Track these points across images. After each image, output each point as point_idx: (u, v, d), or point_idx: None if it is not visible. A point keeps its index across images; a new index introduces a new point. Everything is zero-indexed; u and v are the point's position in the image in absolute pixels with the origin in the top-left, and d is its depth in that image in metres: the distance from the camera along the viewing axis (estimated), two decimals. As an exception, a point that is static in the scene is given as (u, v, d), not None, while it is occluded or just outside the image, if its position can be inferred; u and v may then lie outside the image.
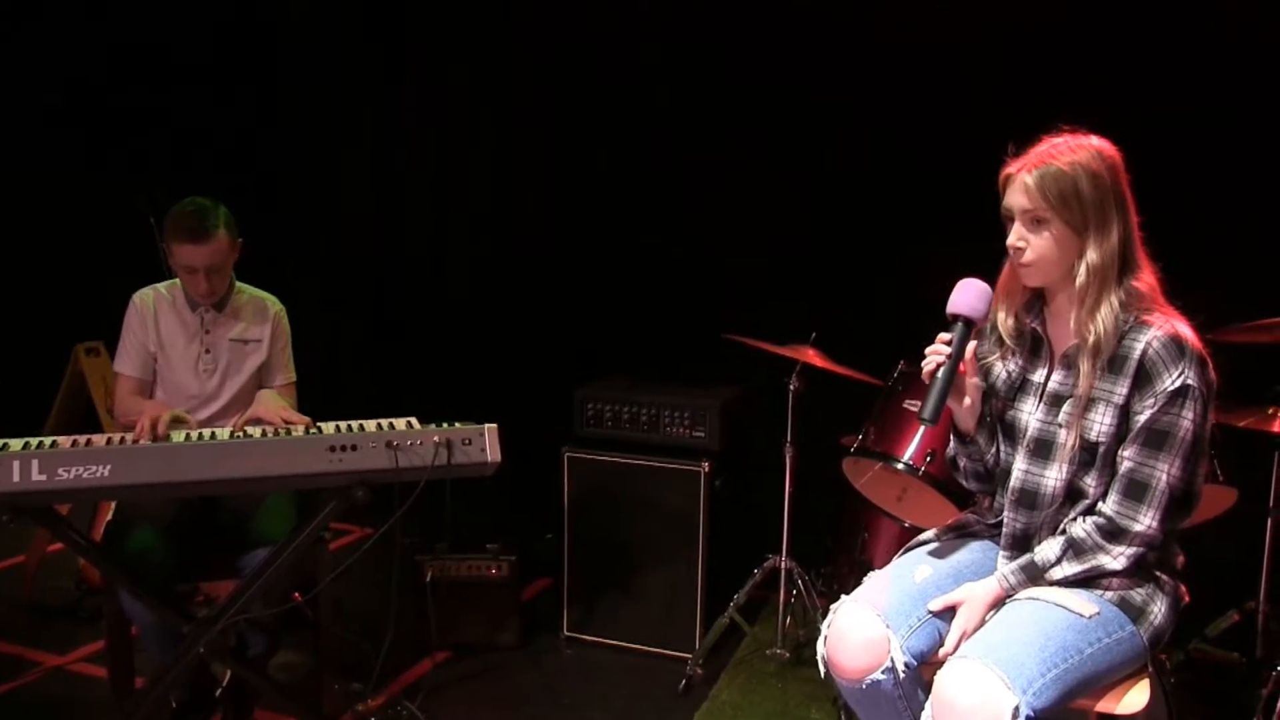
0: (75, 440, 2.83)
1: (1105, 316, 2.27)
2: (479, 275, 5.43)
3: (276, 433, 2.96)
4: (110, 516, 3.46)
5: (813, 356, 3.66)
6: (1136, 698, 2.32)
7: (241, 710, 3.39)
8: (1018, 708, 2.07)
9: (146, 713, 3.06)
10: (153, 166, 5.46)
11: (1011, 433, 2.48)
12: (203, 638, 2.99)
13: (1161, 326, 2.25)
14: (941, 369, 2.38)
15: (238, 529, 3.27)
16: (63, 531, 2.94)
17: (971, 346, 2.44)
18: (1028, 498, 2.42)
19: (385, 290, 5.68)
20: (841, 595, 3.42)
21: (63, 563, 4.49)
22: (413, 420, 3.03)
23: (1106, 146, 2.32)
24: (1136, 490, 2.27)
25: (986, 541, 2.59)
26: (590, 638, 4.06)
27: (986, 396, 2.53)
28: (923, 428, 3.40)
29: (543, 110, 5.19)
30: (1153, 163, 2.45)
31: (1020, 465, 2.43)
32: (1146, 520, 2.26)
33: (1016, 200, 2.34)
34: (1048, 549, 2.35)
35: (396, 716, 3.53)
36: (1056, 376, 2.41)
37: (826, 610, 3.66)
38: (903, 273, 4.32)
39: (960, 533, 2.62)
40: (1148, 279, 2.32)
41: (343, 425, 2.99)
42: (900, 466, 3.41)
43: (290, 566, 3.05)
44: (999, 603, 2.37)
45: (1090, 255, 2.28)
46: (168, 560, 3.13)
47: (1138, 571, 2.33)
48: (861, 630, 2.35)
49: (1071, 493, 2.37)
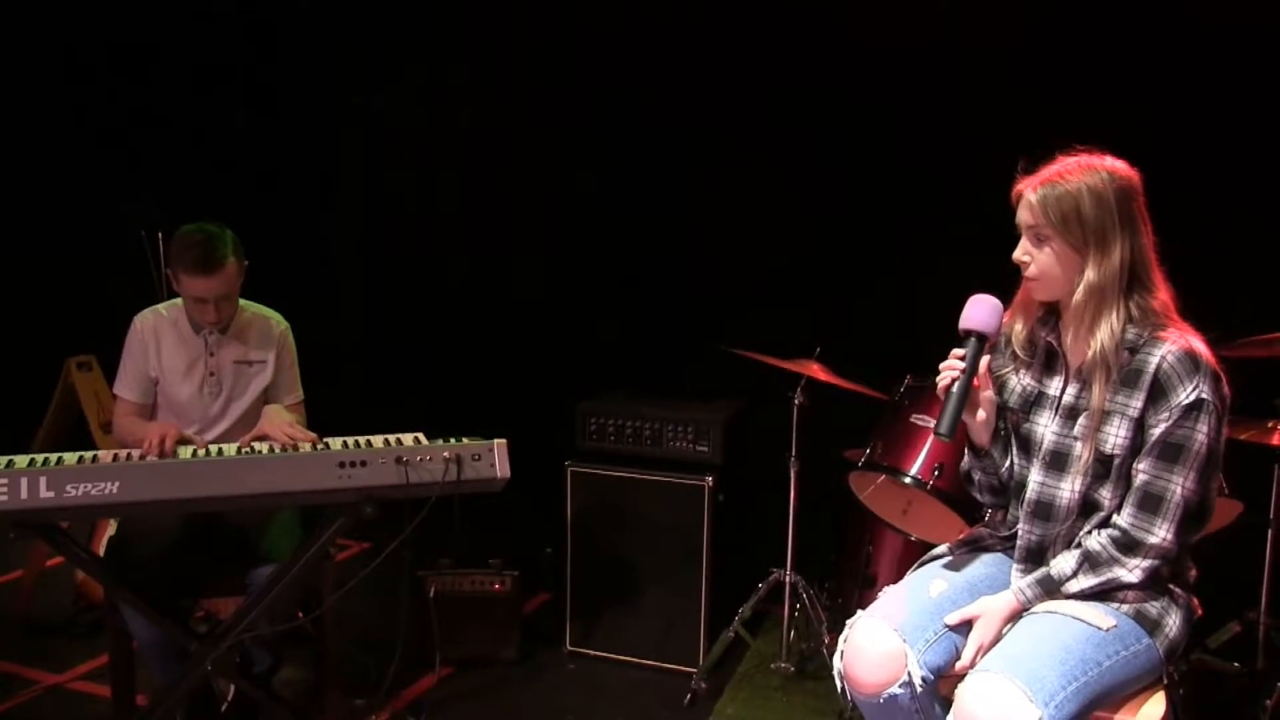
0: (81, 457, 2.81)
1: (1104, 335, 2.29)
2: (479, 287, 5.42)
3: (285, 449, 2.95)
4: (113, 532, 3.44)
5: (817, 370, 3.66)
6: (1152, 709, 2.32)
7: (245, 729, 3.37)
8: (1040, 720, 2.08)
9: (152, 730, 3.04)
10: (147, 174, 5.44)
11: (1027, 445, 2.49)
12: (210, 655, 2.97)
13: (1176, 341, 2.27)
14: (956, 384, 2.40)
15: (243, 545, 3.25)
16: (69, 549, 2.94)
17: (985, 361, 2.45)
18: (1043, 510, 2.42)
19: (383, 302, 5.66)
20: (849, 609, 3.44)
21: (59, 578, 4.46)
22: (420, 436, 3.02)
23: (1120, 168, 2.34)
24: (1152, 503, 2.28)
25: (1000, 555, 2.59)
26: (593, 652, 4.05)
27: (1001, 410, 2.54)
28: (930, 441, 3.42)
29: (544, 119, 5.19)
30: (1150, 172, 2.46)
31: (1036, 477, 2.44)
32: (1162, 533, 2.27)
33: (1023, 216, 2.38)
34: (1063, 562, 2.36)
35: (401, 732, 3.52)
36: (1071, 390, 2.42)
37: (831, 624, 3.72)
38: (907, 287, 4.35)
39: (973, 546, 2.62)
40: (1162, 297, 2.34)
41: (350, 441, 2.99)
42: (908, 480, 3.42)
43: (297, 583, 3.03)
44: (1015, 616, 2.37)
45: (1089, 274, 2.30)
46: (172, 577, 3.12)
47: (1153, 584, 2.34)
48: (878, 645, 2.35)
49: (1086, 505, 2.38)
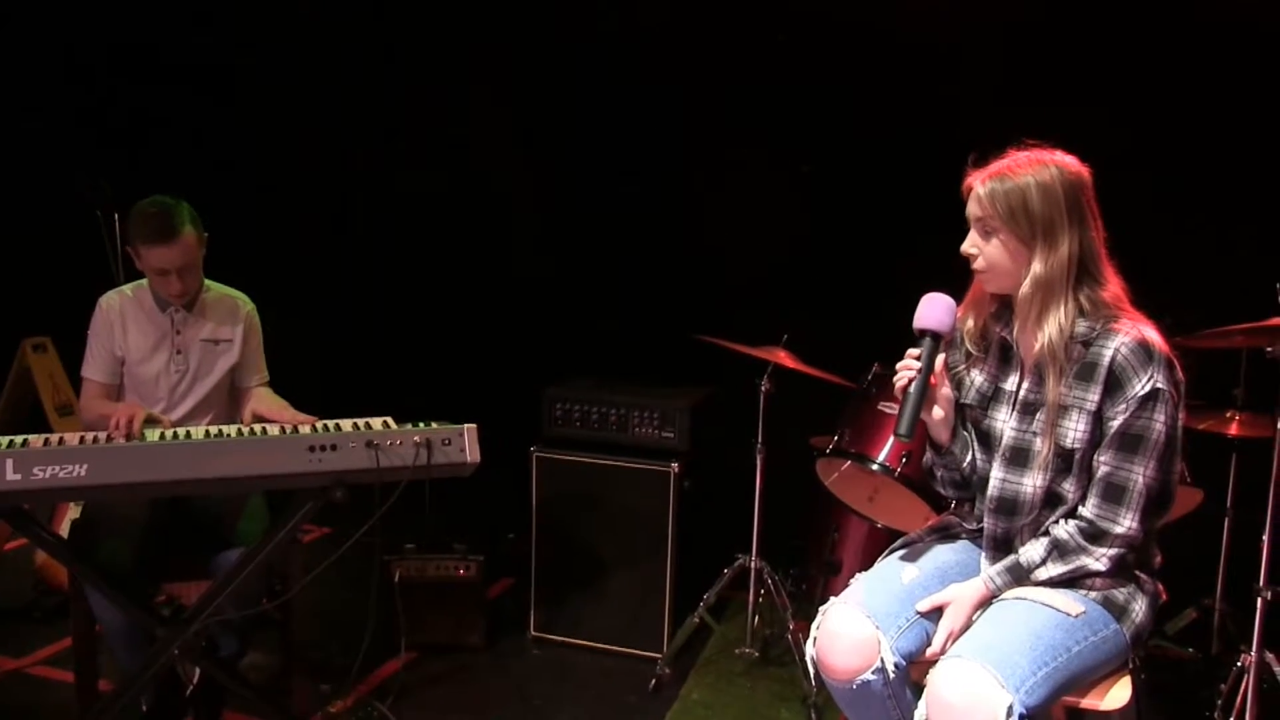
0: (48, 439, 2.78)
1: (1052, 327, 2.32)
2: (445, 272, 5.39)
3: (253, 432, 2.93)
4: (75, 515, 3.41)
5: (784, 358, 3.68)
6: (1120, 694, 2.36)
7: (212, 712, 3.34)
8: (1011, 705, 2.11)
9: (117, 716, 3.01)
10: (104, 157, 5.36)
11: (987, 441, 2.52)
12: (177, 640, 2.95)
13: (1129, 332, 2.29)
14: (913, 384, 2.42)
15: (209, 529, 3.23)
16: (35, 532, 2.90)
17: (941, 359, 2.48)
18: (1006, 505, 2.45)
19: (347, 286, 5.62)
20: (814, 595, 3.48)
21: (18, 562, 4.40)
22: (389, 420, 3.00)
23: (1070, 162, 2.36)
24: (1115, 493, 2.32)
25: (967, 542, 2.62)
26: (558, 638, 4.06)
27: (960, 407, 2.57)
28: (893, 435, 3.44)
29: (521, 108, 5.18)
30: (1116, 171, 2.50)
31: (997, 473, 2.47)
32: (1126, 522, 2.31)
33: (972, 209, 2.40)
34: (1032, 550, 2.39)
35: (368, 717, 3.50)
36: (1027, 385, 2.45)
37: (795, 610, 3.75)
38: (874, 274, 4.37)
39: (943, 534, 2.65)
40: (1113, 289, 2.36)
41: (318, 425, 2.97)
42: (876, 467, 3.45)
43: (265, 567, 3.02)
44: (985, 603, 2.41)
45: (1035, 267, 2.33)
46: (138, 560, 3.09)
47: (1119, 571, 2.38)
48: (851, 631, 2.38)
49: (1050, 498, 2.41)
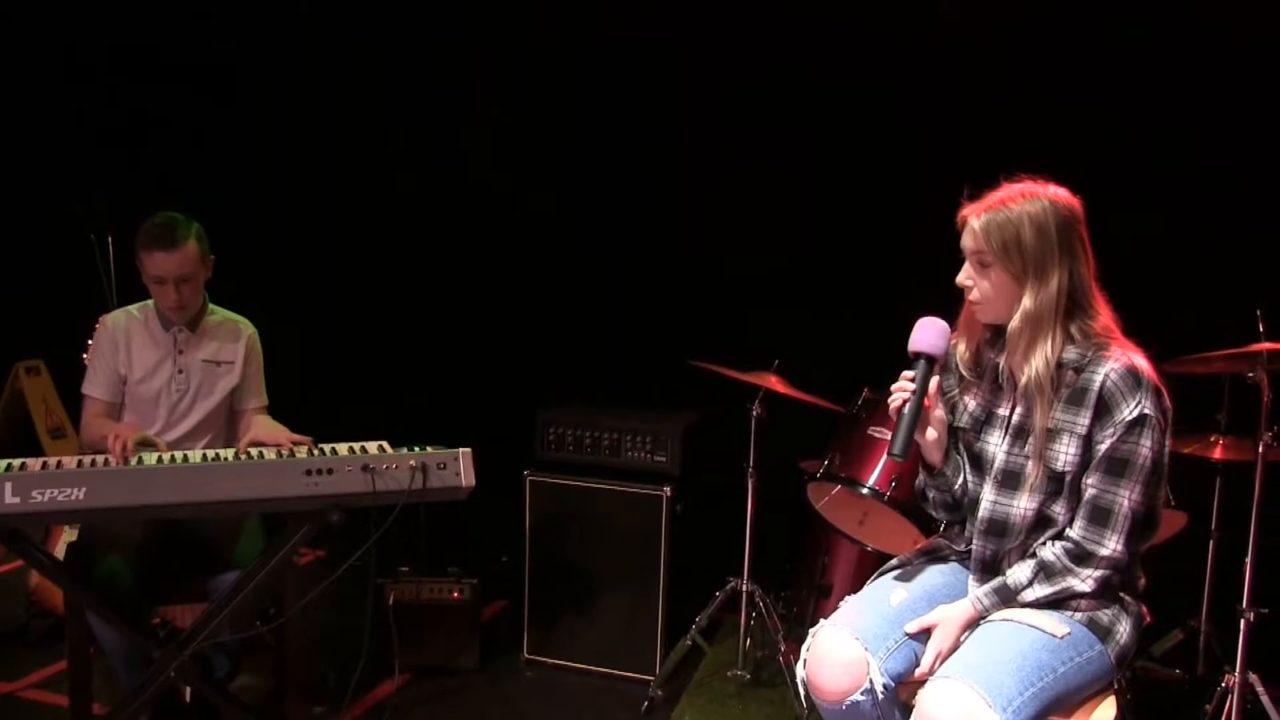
0: (46, 462, 2.82)
1: (1039, 361, 2.38)
2: (437, 295, 5.42)
3: (250, 455, 2.96)
4: (72, 537, 3.44)
5: (775, 383, 3.72)
6: (1104, 713, 2.41)
7: (206, 735, 3.37)
8: (999, 725, 2.15)
9: (114, 738, 3.03)
10: (104, 157, 5.40)
11: (979, 464, 2.57)
12: (174, 662, 2.97)
13: (1118, 359, 2.35)
14: (907, 405, 2.47)
15: (205, 551, 3.27)
16: (32, 554, 2.93)
17: (935, 382, 2.53)
18: (997, 526, 2.50)
19: (339, 309, 5.65)
20: (805, 618, 3.52)
21: (11, 584, 4.40)
22: (384, 444, 3.04)
23: (1062, 195, 2.42)
24: (1101, 516, 2.37)
25: (956, 564, 2.67)
26: (551, 660, 4.08)
27: (953, 430, 2.62)
28: (885, 454, 3.48)
29: (507, 129, 5.22)
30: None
31: (989, 496, 2.52)
32: (1112, 544, 2.35)
33: (966, 241, 2.46)
34: (1019, 572, 2.43)
35: (362, 740, 3.53)
36: (1020, 410, 2.49)
37: (787, 632, 3.78)
38: (866, 300, 4.43)
39: (931, 557, 2.70)
40: (1104, 320, 2.42)
41: (315, 449, 3.01)
42: (866, 491, 3.49)
43: (261, 590, 3.04)
44: (972, 624, 2.45)
45: (1025, 302, 2.39)
46: (135, 582, 3.12)
47: (1104, 593, 2.42)
48: (841, 653, 2.41)
49: (1040, 520, 2.46)
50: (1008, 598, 2.43)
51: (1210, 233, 4.14)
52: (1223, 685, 3.26)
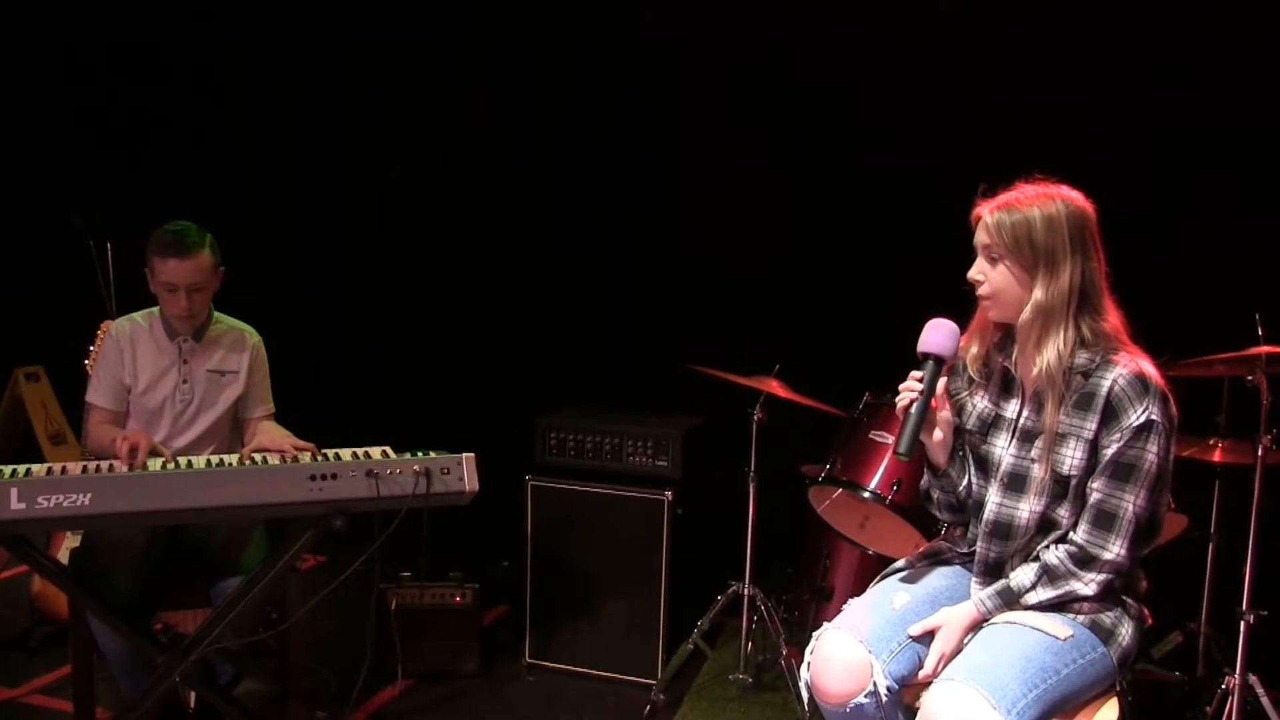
0: (51, 468, 2.81)
1: (1050, 354, 2.39)
2: (437, 302, 5.43)
3: (254, 461, 2.96)
4: (75, 544, 3.43)
5: (776, 387, 3.73)
6: (1107, 715, 2.41)
7: (210, 740, 3.37)
8: (1003, 727, 2.16)
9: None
10: (99, 185, 5.40)
11: (985, 466, 2.58)
12: (178, 668, 2.98)
13: (1127, 365, 2.36)
14: (914, 405, 2.48)
15: (208, 557, 3.27)
16: (36, 560, 2.93)
17: (942, 383, 2.54)
18: (1002, 529, 2.51)
19: (339, 314, 5.65)
20: (806, 621, 3.52)
21: (13, 591, 4.41)
22: (388, 449, 3.04)
23: (1076, 197, 2.44)
24: (1105, 520, 2.38)
25: (958, 567, 2.68)
26: (552, 665, 4.08)
27: (959, 432, 2.63)
28: (888, 457, 3.51)
29: (505, 132, 5.22)
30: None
31: (995, 498, 2.53)
32: (1115, 549, 2.37)
33: (979, 237, 2.48)
34: (1022, 575, 2.44)
35: (365, 745, 3.53)
36: (1027, 413, 2.51)
37: (788, 636, 3.79)
38: (866, 305, 4.45)
39: (934, 560, 2.71)
40: (1113, 321, 2.44)
41: (319, 454, 3.02)
42: (867, 495, 3.50)
43: (264, 596, 3.05)
44: (975, 626, 2.46)
45: (1037, 293, 2.40)
46: (138, 588, 3.11)
47: (1107, 595, 2.43)
48: (844, 656, 2.42)
49: (1044, 524, 2.47)
50: (1010, 600, 2.44)
51: (1210, 234, 4.16)
52: (1223, 687, 3.27)
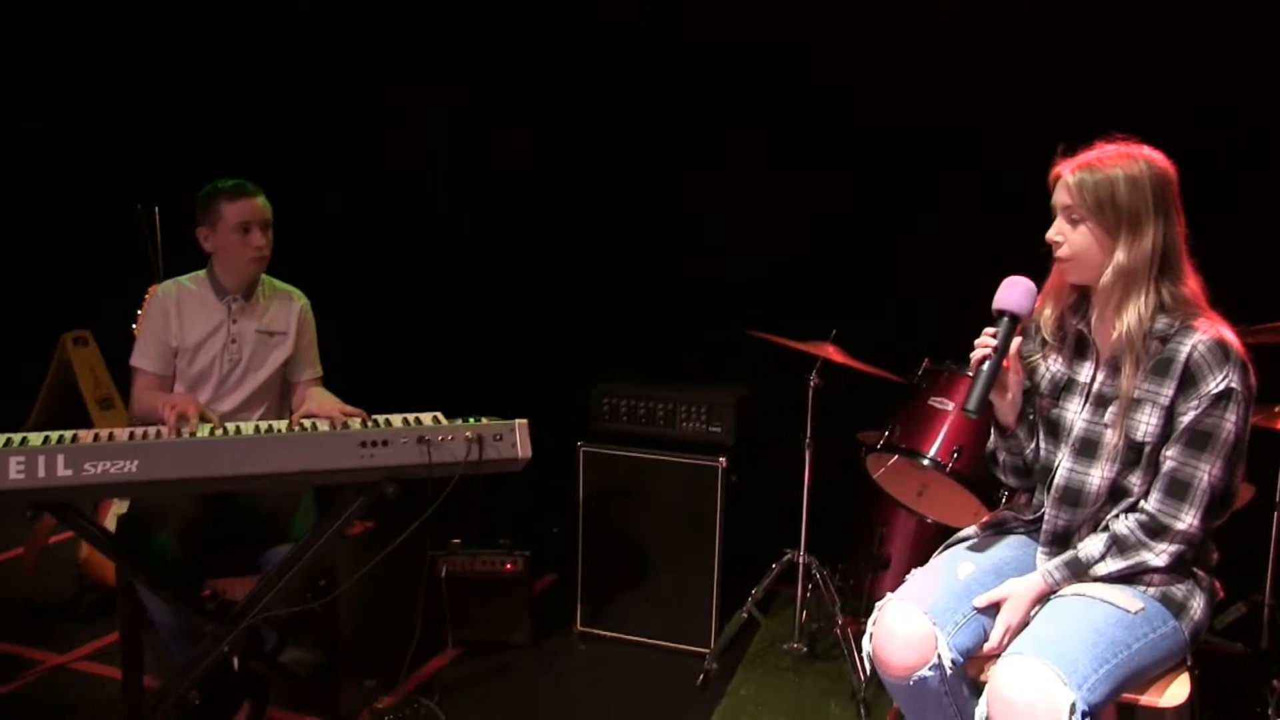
0: (98, 434, 2.78)
1: (1131, 317, 2.31)
2: (491, 268, 5.38)
3: (304, 427, 2.92)
4: (121, 510, 3.42)
5: (832, 353, 3.65)
6: (1178, 690, 2.34)
7: (257, 705, 3.35)
8: (1074, 703, 2.08)
9: (170, 711, 3.02)
10: (145, 158, 5.39)
11: (1056, 431, 2.50)
12: (227, 637, 2.95)
13: (1207, 331, 2.28)
14: (987, 362, 2.41)
15: (257, 524, 3.24)
16: (83, 527, 2.91)
17: (1016, 343, 2.46)
18: (1071, 495, 2.43)
19: (390, 283, 5.61)
20: (862, 591, 3.46)
21: (61, 557, 4.42)
22: (439, 415, 2.99)
23: (1158, 158, 2.35)
24: (1179, 489, 2.30)
25: (1024, 537, 2.60)
26: (604, 633, 4.05)
27: (1029, 395, 2.55)
28: (948, 424, 3.42)
29: (549, 109, 5.15)
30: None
31: (1066, 464, 2.45)
32: (1189, 519, 2.28)
33: (1059, 197, 2.39)
34: (1091, 545, 2.37)
35: (415, 714, 3.50)
36: (1101, 377, 2.42)
37: (844, 605, 3.73)
38: (924, 270, 4.34)
39: (998, 529, 2.63)
40: (1193, 285, 2.35)
41: (369, 421, 2.97)
42: (927, 462, 3.42)
43: (313, 564, 3.02)
44: (1042, 598, 2.39)
45: (1119, 256, 2.32)
46: (186, 556, 3.09)
47: (1178, 567, 2.35)
48: (908, 627, 2.36)
49: (1115, 491, 2.39)
50: (1079, 571, 2.37)
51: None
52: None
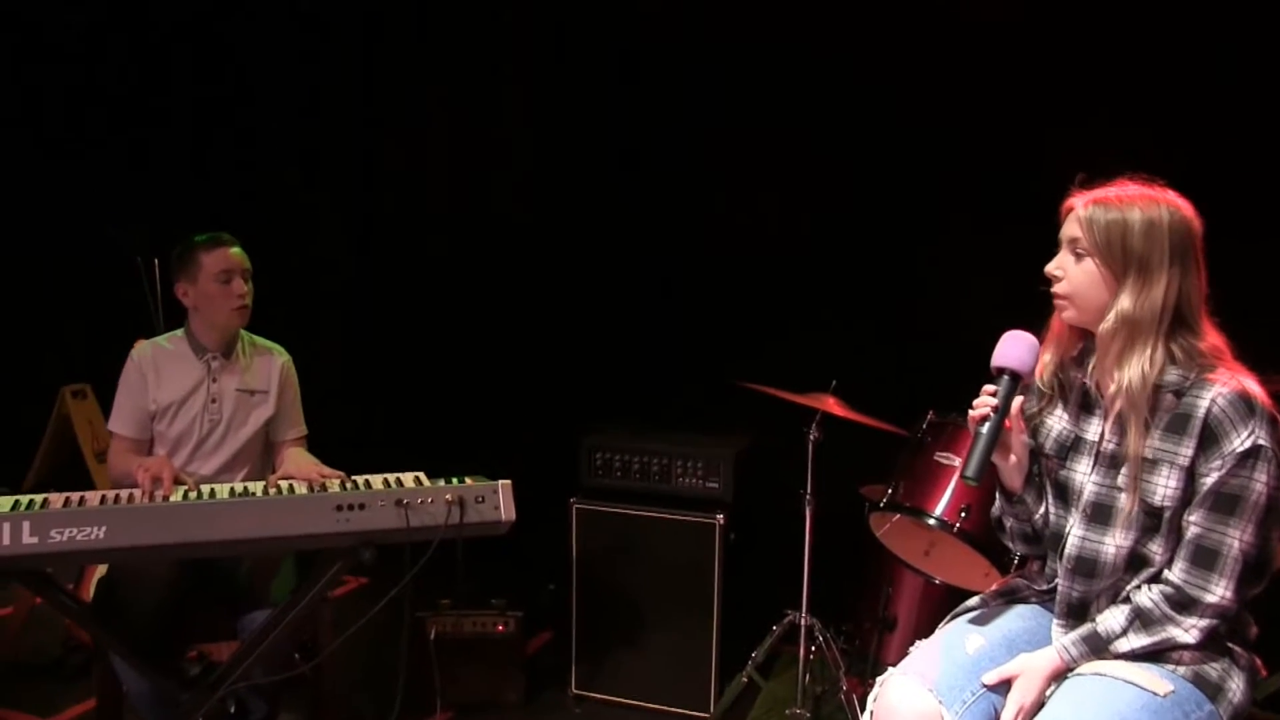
0: (68, 499, 2.69)
1: (1132, 372, 2.16)
2: (478, 317, 5.27)
3: (279, 490, 2.81)
4: (103, 574, 3.31)
5: (833, 405, 3.53)
6: (1214, 783, 2.18)
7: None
8: (1095, 799, 1.93)
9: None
10: (140, 206, 5.31)
11: (1064, 494, 2.35)
12: (202, 707, 2.83)
13: (1227, 383, 2.12)
14: (987, 424, 2.27)
15: (235, 588, 3.13)
16: (54, 596, 2.79)
17: (1018, 402, 2.32)
18: (1085, 565, 2.28)
19: (377, 333, 5.51)
20: (867, 653, 3.30)
21: (47, 617, 4.31)
22: (421, 475, 2.89)
23: (1184, 206, 2.20)
24: (1206, 558, 2.13)
25: (1037, 607, 2.45)
26: (600, 695, 3.93)
27: (1035, 454, 2.41)
28: (955, 481, 3.29)
29: (542, 143, 5.07)
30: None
31: (1077, 531, 2.30)
32: (1219, 590, 2.12)
33: (1068, 229, 2.25)
34: (1111, 618, 2.21)
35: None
36: (1111, 435, 2.27)
37: (849, 668, 3.58)
38: (927, 319, 4.23)
39: (1010, 598, 2.48)
40: (1211, 340, 2.19)
41: (348, 483, 2.87)
42: (933, 522, 3.28)
43: (294, 629, 2.89)
44: (1058, 675, 2.23)
45: (1123, 301, 2.16)
46: (164, 621, 2.97)
47: (1210, 644, 2.18)
48: (912, 705, 2.21)
49: (1134, 560, 2.23)
50: (1098, 647, 2.20)
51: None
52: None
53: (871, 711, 2.30)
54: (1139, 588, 2.21)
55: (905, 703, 2.22)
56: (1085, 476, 2.30)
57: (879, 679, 2.33)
